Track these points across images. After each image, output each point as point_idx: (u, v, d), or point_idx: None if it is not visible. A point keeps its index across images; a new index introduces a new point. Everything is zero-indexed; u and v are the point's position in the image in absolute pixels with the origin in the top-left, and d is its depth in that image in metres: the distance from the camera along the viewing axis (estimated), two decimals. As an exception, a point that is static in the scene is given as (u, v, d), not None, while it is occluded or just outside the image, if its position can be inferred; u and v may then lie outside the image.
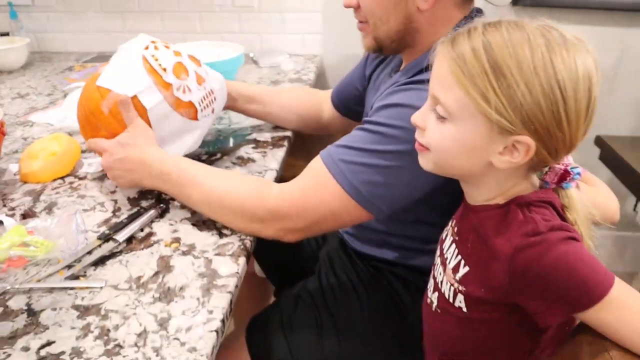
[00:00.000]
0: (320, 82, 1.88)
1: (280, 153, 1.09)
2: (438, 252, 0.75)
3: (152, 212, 0.86)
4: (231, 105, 1.12)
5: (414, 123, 0.66)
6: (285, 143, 1.13)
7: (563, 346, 0.63)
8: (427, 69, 0.66)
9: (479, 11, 0.84)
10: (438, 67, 0.62)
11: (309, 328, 0.88)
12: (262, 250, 1.17)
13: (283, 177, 1.25)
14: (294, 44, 1.85)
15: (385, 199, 0.75)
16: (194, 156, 1.06)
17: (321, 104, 1.19)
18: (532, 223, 0.58)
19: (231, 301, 0.69)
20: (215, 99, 0.96)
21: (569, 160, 0.62)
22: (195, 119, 0.91)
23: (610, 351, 0.54)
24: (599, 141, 1.62)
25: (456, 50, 0.59)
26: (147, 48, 0.90)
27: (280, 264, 1.14)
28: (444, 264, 0.71)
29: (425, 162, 0.66)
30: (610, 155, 1.56)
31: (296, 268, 1.08)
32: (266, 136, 1.17)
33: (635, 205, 1.98)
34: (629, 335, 0.55)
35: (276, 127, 1.21)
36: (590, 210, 0.63)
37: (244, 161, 1.05)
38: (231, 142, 1.12)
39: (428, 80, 0.65)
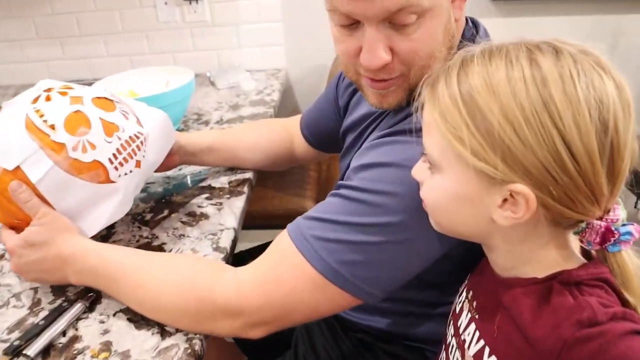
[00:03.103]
0: (286, 99, 1.71)
1: (238, 203, 0.92)
2: (452, 330, 0.60)
3: (78, 306, 0.69)
4: (189, 160, 0.96)
5: (414, 176, 0.55)
6: (245, 189, 0.96)
7: None
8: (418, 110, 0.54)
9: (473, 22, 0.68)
10: (424, 111, 0.52)
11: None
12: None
13: (250, 213, 1.08)
14: (254, 59, 1.68)
15: (375, 281, 0.59)
16: (136, 214, 0.89)
17: (292, 137, 1.02)
18: (589, 309, 0.44)
19: None
20: (140, 145, 0.76)
21: (616, 213, 0.47)
22: (109, 181, 0.72)
23: None
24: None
25: (434, 91, 0.50)
26: (35, 100, 0.71)
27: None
28: (461, 347, 0.57)
29: (431, 222, 0.56)
30: None
31: (271, 337, 0.91)
32: (222, 181, 1.00)
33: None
34: None
35: (234, 168, 1.03)
36: None
37: (195, 218, 0.88)
38: (189, 182, 0.99)
39: (412, 130, 0.56)
